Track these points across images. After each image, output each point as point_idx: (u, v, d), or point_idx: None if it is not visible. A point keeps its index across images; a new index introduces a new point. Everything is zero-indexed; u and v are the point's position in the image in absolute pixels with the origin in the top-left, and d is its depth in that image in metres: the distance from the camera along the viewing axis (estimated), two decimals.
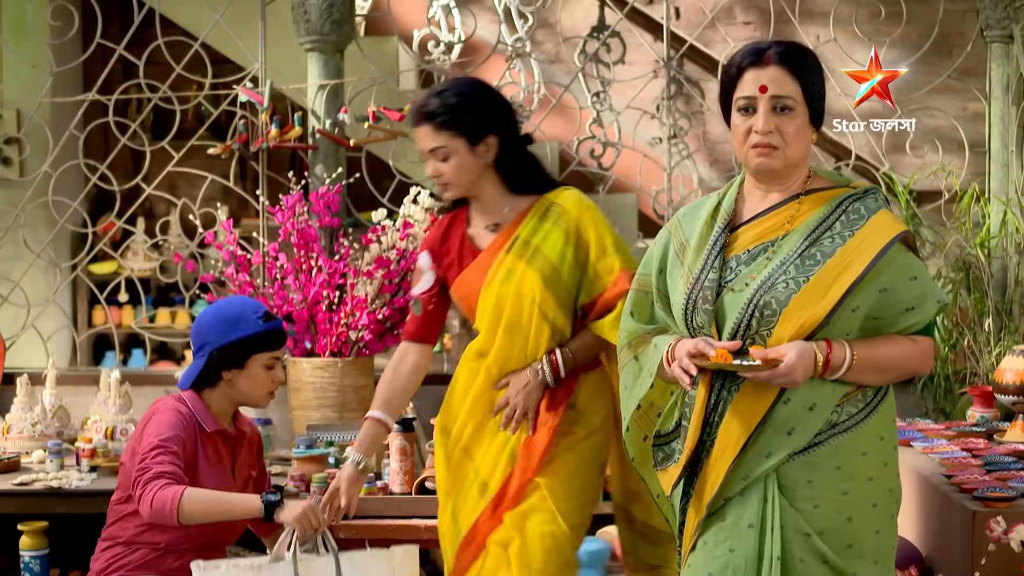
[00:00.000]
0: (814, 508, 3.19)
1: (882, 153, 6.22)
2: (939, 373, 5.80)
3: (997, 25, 6.00)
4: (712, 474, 3.25)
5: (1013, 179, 5.97)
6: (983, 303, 5.76)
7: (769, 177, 3.30)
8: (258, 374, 4.23)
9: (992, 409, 5.00)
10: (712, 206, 3.36)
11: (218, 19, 6.23)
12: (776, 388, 3.16)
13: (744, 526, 3.21)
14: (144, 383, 6.17)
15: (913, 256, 3.25)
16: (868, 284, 3.16)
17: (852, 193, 3.28)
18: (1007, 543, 3.52)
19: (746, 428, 3.19)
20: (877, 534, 3.24)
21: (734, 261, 3.27)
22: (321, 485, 4.73)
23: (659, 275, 3.42)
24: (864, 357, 3.17)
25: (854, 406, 3.23)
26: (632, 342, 3.44)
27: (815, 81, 3.26)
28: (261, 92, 6.00)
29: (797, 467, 3.20)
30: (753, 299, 3.18)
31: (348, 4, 6.08)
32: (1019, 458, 4.35)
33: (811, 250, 3.20)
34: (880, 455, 3.25)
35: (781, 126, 3.22)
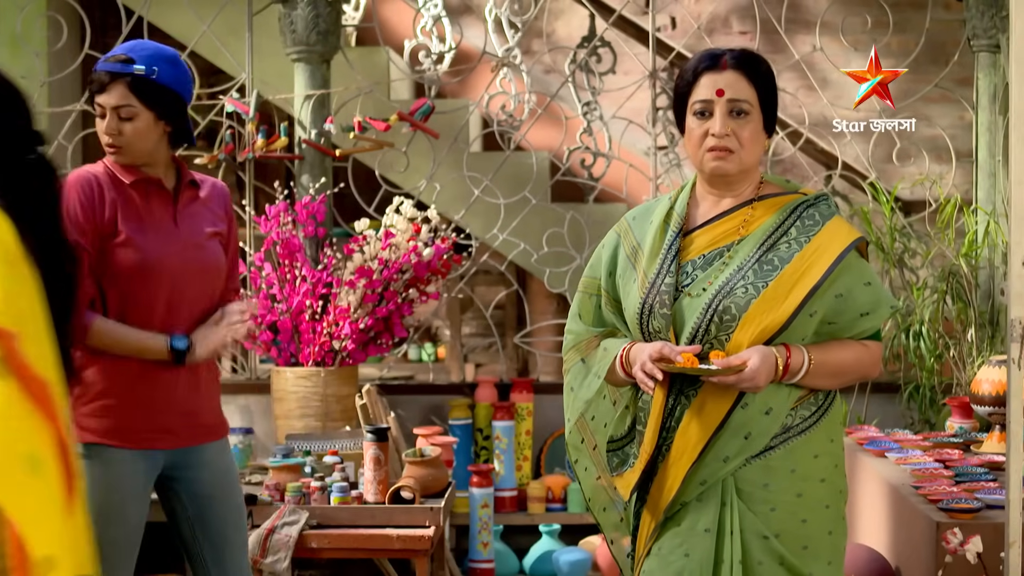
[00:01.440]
0: (770, 511, 3.21)
1: (869, 163, 6.20)
2: (924, 384, 5.79)
3: (984, 35, 5.98)
4: (668, 479, 3.26)
5: (1000, 189, 5.94)
6: (967, 313, 5.74)
7: (723, 182, 3.31)
8: (98, 124, 3.81)
9: (971, 420, 4.99)
10: (664, 210, 3.37)
11: (206, 29, 6.26)
12: (735, 392, 3.18)
13: (700, 530, 3.22)
14: None
15: (866, 262, 3.30)
16: (825, 290, 3.19)
17: (805, 199, 3.30)
18: (963, 555, 3.51)
19: (704, 432, 3.21)
20: (830, 534, 3.27)
21: (690, 266, 3.28)
22: (296, 494, 4.74)
23: (608, 278, 3.42)
24: (820, 361, 3.20)
25: (807, 409, 3.25)
26: (579, 345, 3.45)
27: (769, 88, 3.30)
28: (247, 102, 6.02)
29: (754, 471, 3.22)
30: (712, 304, 3.19)
31: (334, 15, 6.10)
32: (992, 469, 4.33)
33: (768, 255, 3.22)
34: (831, 457, 3.28)
35: (737, 130, 3.25)
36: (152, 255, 3.74)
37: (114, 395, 3.73)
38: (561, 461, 6.26)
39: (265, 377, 6.21)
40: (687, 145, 3.33)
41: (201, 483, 3.87)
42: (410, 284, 5.64)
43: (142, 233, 3.75)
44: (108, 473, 3.70)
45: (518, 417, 6.25)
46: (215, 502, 3.89)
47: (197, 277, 3.83)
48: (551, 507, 6.13)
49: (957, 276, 5.79)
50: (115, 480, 3.71)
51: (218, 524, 3.90)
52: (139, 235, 3.74)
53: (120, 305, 3.74)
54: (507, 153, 6.56)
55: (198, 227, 3.88)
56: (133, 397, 3.74)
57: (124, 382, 3.74)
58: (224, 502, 3.91)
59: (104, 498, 3.66)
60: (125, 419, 3.73)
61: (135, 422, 3.74)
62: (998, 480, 4.13)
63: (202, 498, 3.87)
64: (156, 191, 3.82)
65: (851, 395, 6.05)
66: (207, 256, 3.87)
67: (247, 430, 5.63)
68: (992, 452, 4.55)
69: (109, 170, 3.81)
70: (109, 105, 3.74)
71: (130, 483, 3.74)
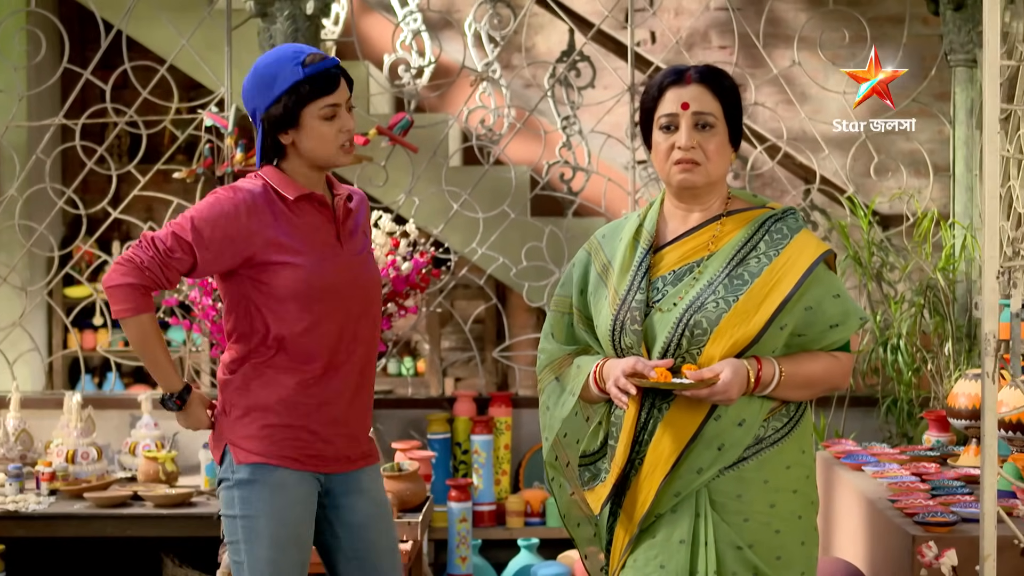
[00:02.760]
0: (744, 522, 3.24)
1: (847, 177, 6.22)
2: (902, 397, 5.80)
3: (961, 49, 6.00)
4: (642, 492, 3.28)
5: (977, 203, 5.96)
6: (945, 327, 5.76)
7: (691, 195, 3.33)
8: (317, 128, 3.58)
9: (948, 433, 5.00)
10: (634, 227, 3.39)
11: (184, 43, 6.26)
12: (707, 405, 3.21)
13: (675, 542, 3.25)
14: (109, 407, 6.19)
15: (834, 274, 3.33)
16: (795, 302, 3.22)
17: (772, 214, 3.34)
18: (938, 568, 3.52)
19: (678, 445, 3.23)
20: (803, 545, 3.30)
21: (660, 282, 3.31)
22: None
23: (580, 296, 3.45)
24: (791, 373, 3.23)
25: (779, 421, 3.28)
26: (552, 363, 3.48)
27: (734, 101, 3.34)
28: (226, 116, 6.01)
29: (727, 482, 3.25)
30: (683, 319, 3.22)
31: (313, 29, 6.10)
32: (968, 482, 4.34)
33: (738, 270, 3.25)
34: (803, 468, 3.31)
35: (703, 142, 3.28)
36: (319, 277, 3.60)
37: (276, 414, 3.61)
38: (540, 475, 6.27)
39: None
40: (654, 160, 3.36)
41: (357, 512, 3.72)
42: (389, 298, 5.63)
43: (306, 255, 3.60)
44: (277, 496, 3.59)
45: (497, 431, 6.25)
46: (370, 532, 3.74)
47: (363, 294, 3.71)
48: (530, 521, 6.13)
49: (934, 290, 5.80)
50: (287, 505, 3.60)
51: (372, 557, 3.75)
52: (303, 258, 3.59)
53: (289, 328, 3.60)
54: (486, 167, 6.56)
55: (356, 244, 3.75)
56: (295, 416, 3.61)
57: (286, 400, 3.61)
58: (381, 533, 3.77)
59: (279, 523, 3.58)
60: (289, 438, 3.61)
61: (298, 442, 3.62)
62: (974, 493, 4.14)
63: (357, 527, 3.73)
64: (319, 208, 3.67)
65: (829, 409, 6.07)
66: (369, 272, 3.75)
67: None
68: (968, 465, 4.56)
69: (271, 187, 3.64)
70: (343, 100, 3.61)
71: (301, 506, 3.62)
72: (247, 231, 3.56)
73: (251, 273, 3.59)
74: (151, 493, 5.31)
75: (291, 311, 3.59)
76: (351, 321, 3.67)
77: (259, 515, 3.58)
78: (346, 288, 3.65)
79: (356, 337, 3.69)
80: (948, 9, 6.01)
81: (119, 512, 5.26)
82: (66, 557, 6.04)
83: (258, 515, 3.58)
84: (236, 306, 3.64)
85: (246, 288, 3.61)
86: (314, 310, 3.60)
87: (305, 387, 3.62)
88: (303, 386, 3.62)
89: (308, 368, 3.61)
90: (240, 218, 3.56)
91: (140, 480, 5.57)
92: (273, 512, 3.57)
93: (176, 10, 6.49)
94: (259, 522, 3.58)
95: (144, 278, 3.53)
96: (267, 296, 3.59)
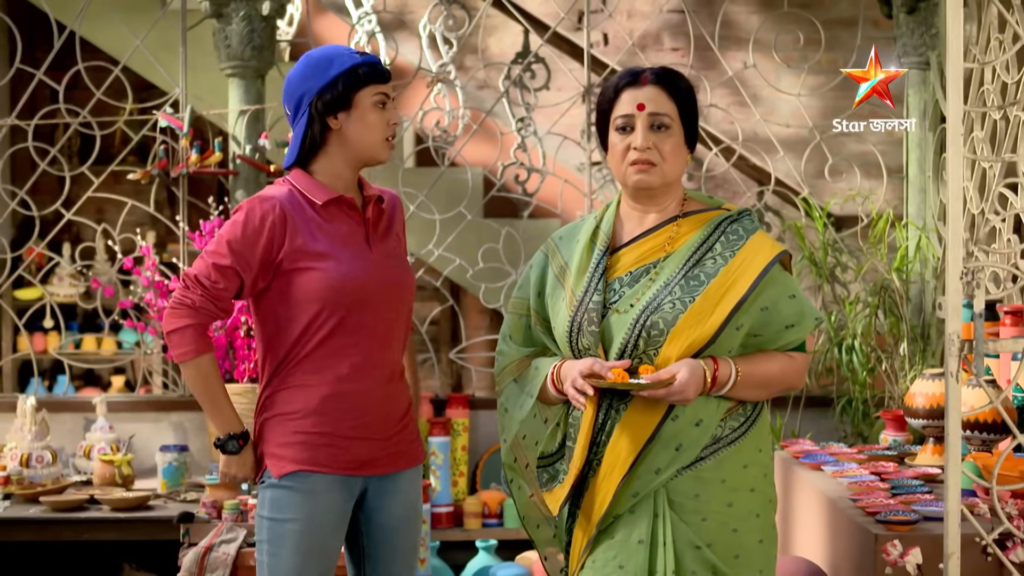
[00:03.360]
0: (702, 521, 3.27)
1: (801, 179, 6.26)
2: (857, 397, 5.84)
3: (914, 52, 6.06)
4: (600, 492, 3.30)
5: (930, 204, 6.02)
6: (899, 328, 5.80)
7: (647, 196, 3.35)
8: (368, 116, 3.59)
9: (904, 433, 5.03)
10: (590, 229, 3.41)
11: (139, 44, 6.22)
12: (665, 405, 3.23)
13: (634, 542, 3.26)
14: (63, 410, 6.13)
15: (789, 275, 3.37)
16: (751, 303, 3.25)
17: (728, 215, 3.36)
18: (903, 566, 3.54)
19: (635, 445, 3.25)
20: (761, 543, 3.32)
21: (617, 283, 3.33)
22: (234, 511, 4.71)
23: (538, 298, 3.46)
24: (747, 373, 3.26)
25: (736, 420, 3.31)
26: (510, 366, 3.49)
27: (690, 103, 3.36)
28: (181, 117, 5.98)
29: (685, 482, 3.27)
30: (640, 320, 3.24)
31: (269, 30, 6.08)
32: (927, 481, 4.38)
33: (694, 271, 3.27)
34: (760, 467, 3.34)
35: (659, 143, 3.30)
36: (347, 281, 3.59)
37: (308, 420, 3.59)
38: (497, 476, 6.26)
39: None
40: (610, 161, 3.38)
41: (388, 514, 3.73)
42: None
43: (335, 259, 3.59)
44: (307, 502, 3.58)
45: (454, 433, 6.24)
46: (396, 535, 3.75)
47: (393, 296, 3.69)
48: (487, 523, 6.12)
49: (889, 290, 5.85)
50: (317, 513, 3.59)
51: (390, 557, 3.76)
52: (331, 262, 3.58)
53: (317, 332, 3.59)
54: (442, 169, 6.56)
55: (388, 245, 3.73)
56: (328, 422, 3.60)
57: (317, 407, 3.59)
58: (406, 536, 3.78)
59: (306, 531, 3.58)
60: (323, 444, 3.59)
61: (332, 448, 3.60)
62: (934, 492, 4.17)
63: (385, 529, 3.73)
64: (348, 211, 3.66)
65: (785, 409, 6.10)
66: (400, 274, 3.72)
67: (182, 447, 5.59)
68: (926, 464, 4.59)
69: (299, 191, 3.64)
70: (392, 94, 3.64)
71: (331, 514, 3.62)
72: (278, 240, 3.57)
73: (278, 284, 3.60)
74: (108, 497, 5.27)
75: (318, 315, 3.58)
76: (381, 323, 3.66)
77: (286, 520, 3.58)
78: (376, 290, 3.64)
79: (387, 340, 3.68)
80: (901, 12, 6.06)
81: (75, 516, 5.23)
82: (21, 563, 5.99)
83: (285, 519, 3.58)
84: (264, 325, 3.66)
85: (273, 303, 3.62)
86: (342, 313, 3.59)
87: (336, 391, 3.60)
88: (334, 390, 3.60)
89: (338, 371, 3.60)
90: (274, 228, 3.56)
91: (96, 484, 5.54)
92: (301, 519, 3.57)
93: (129, 10, 6.43)
94: (285, 526, 3.58)
95: (200, 317, 3.56)
96: (294, 304, 3.59)
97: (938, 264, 5.86)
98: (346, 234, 3.64)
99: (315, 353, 3.59)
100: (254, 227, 3.57)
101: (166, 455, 5.53)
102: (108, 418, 5.86)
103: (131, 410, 6.14)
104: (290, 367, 3.62)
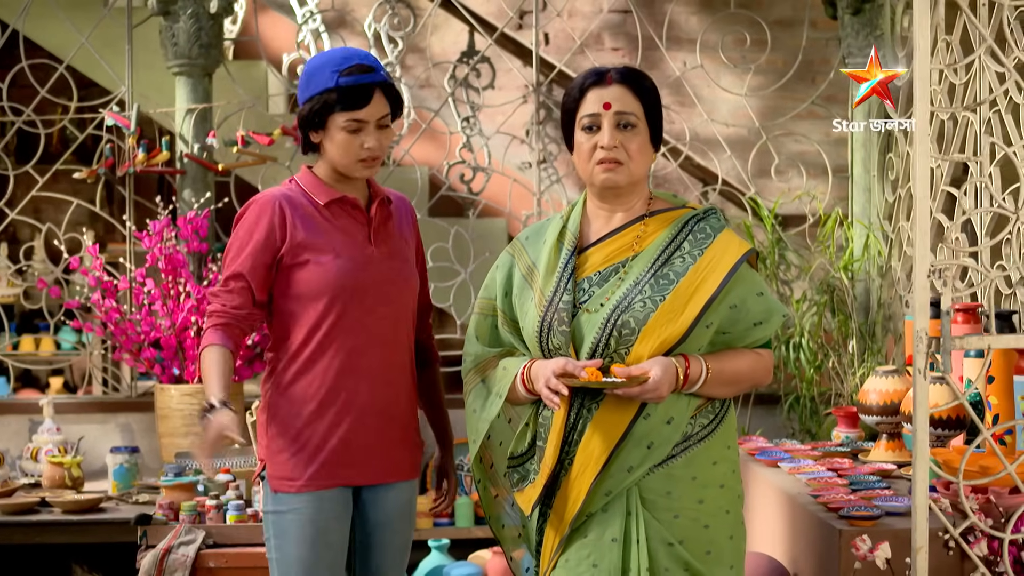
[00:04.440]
0: (674, 518, 3.30)
1: (748, 178, 6.31)
2: (804, 395, 5.90)
3: (859, 52, 6.13)
4: (573, 492, 3.32)
5: (875, 203, 6.09)
6: (847, 325, 5.87)
7: (613, 195, 3.38)
8: (339, 137, 3.58)
9: (856, 429, 5.09)
10: (557, 229, 3.43)
11: (84, 41, 6.16)
12: (636, 404, 3.26)
13: (607, 540, 3.29)
14: (7, 411, 6.08)
15: (756, 273, 3.40)
16: (720, 301, 3.29)
17: (694, 214, 3.39)
18: (873, 561, 3.59)
19: (608, 444, 3.28)
20: (731, 539, 3.37)
21: (586, 282, 3.35)
22: (191, 513, 4.69)
23: (504, 298, 3.48)
24: (718, 370, 3.30)
25: (705, 418, 3.36)
26: (478, 366, 3.50)
27: (654, 102, 3.38)
28: (128, 116, 5.93)
29: (656, 480, 3.30)
30: (610, 319, 3.27)
31: (216, 28, 6.05)
32: (883, 477, 4.43)
33: (663, 270, 3.30)
34: (728, 463, 3.39)
35: (625, 142, 3.32)
36: (347, 270, 3.60)
37: (300, 431, 3.60)
38: None
39: (144, 394, 6.12)
40: (576, 161, 3.40)
41: (380, 510, 3.72)
42: None
43: (333, 255, 3.61)
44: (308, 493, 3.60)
45: None
46: (386, 532, 3.74)
47: (391, 298, 3.68)
48: (439, 522, 6.09)
49: (835, 289, 5.92)
50: (317, 501, 3.60)
51: (378, 556, 3.75)
52: (330, 257, 3.60)
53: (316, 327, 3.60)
54: (391, 168, 6.55)
55: (392, 245, 3.73)
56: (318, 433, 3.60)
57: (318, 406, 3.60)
58: (397, 535, 3.77)
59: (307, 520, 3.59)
60: (316, 460, 3.60)
61: (326, 467, 3.61)
62: (892, 488, 4.22)
63: (373, 525, 3.72)
64: (351, 211, 3.67)
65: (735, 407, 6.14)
66: (400, 276, 3.71)
67: (133, 449, 5.54)
68: (880, 460, 4.65)
69: (302, 190, 3.66)
70: (373, 118, 3.59)
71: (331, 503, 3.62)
72: (279, 235, 3.60)
73: (281, 281, 3.63)
74: (60, 499, 5.22)
75: (318, 310, 3.59)
76: (376, 323, 3.65)
77: (287, 511, 3.59)
78: (373, 289, 3.64)
79: (387, 340, 3.68)
80: (847, 13, 6.13)
81: (26, 519, 5.18)
82: None
83: (286, 511, 3.59)
84: (271, 323, 3.69)
85: (277, 300, 3.65)
86: (339, 309, 3.60)
87: (327, 394, 3.61)
88: (325, 393, 3.61)
89: (336, 368, 3.61)
90: (272, 224, 3.60)
91: (45, 486, 5.48)
92: (301, 508, 3.59)
93: (72, 8, 6.36)
94: (287, 518, 3.59)
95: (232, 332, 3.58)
96: (294, 300, 3.61)
97: (884, 263, 5.93)
98: (348, 232, 3.66)
99: (315, 350, 3.60)
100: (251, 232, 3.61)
101: (117, 456, 5.48)
102: (55, 419, 5.80)
103: (77, 411, 6.08)
104: (290, 364, 3.63)
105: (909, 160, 5.53)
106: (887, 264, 5.89)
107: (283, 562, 3.61)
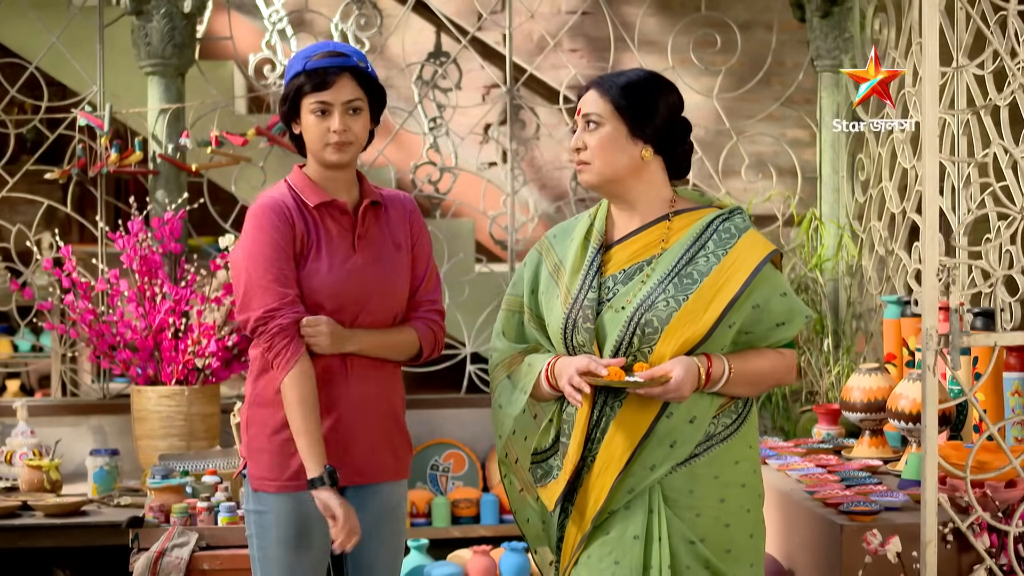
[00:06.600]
0: (696, 516, 3.33)
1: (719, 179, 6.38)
2: (777, 392, 5.97)
3: (828, 55, 6.22)
4: (595, 489, 3.35)
5: (844, 203, 6.17)
6: (820, 324, 5.95)
7: (609, 195, 3.43)
8: (308, 121, 3.60)
9: (837, 426, 5.16)
10: (585, 227, 3.46)
11: (55, 41, 6.10)
12: (659, 403, 3.29)
13: (629, 538, 3.32)
14: None
15: (780, 274, 3.42)
16: (743, 301, 3.31)
17: (720, 213, 3.41)
18: (884, 555, 3.65)
19: (631, 442, 3.31)
20: (751, 537, 3.41)
21: (611, 280, 3.38)
22: (182, 515, 4.67)
23: (531, 295, 3.51)
24: (740, 370, 3.32)
25: (728, 417, 3.38)
26: (504, 361, 3.53)
27: (629, 97, 3.34)
28: (101, 116, 5.88)
29: (679, 478, 3.33)
30: (634, 317, 3.29)
31: (190, 28, 6.01)
32: (872, 473, 4.51)
33: (687, 269, 3.32)
34: (750, 463, 3.42)
35: (588, 140, 3.36)
36: (328, 282, 3.60)
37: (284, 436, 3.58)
38: (423, 476, 6.26)
39: (116, 396, 6.08)
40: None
41: (365, 513, 3.65)
42: None
43: (318, 260, 3.61)
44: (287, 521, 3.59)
45: None
46: (373, 540, 3.70)
47: (372, 304, 3.66)
48: (416, 522, 6.13)
49: (808, 288, 6.00)
50: (297, 499, 3.59)
51: (369, 562, 3.73)
52: (315, 267, 3.60)
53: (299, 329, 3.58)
54: (366, 168, 6.54)
55: (376, 250, 3.70)
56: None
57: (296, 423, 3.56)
58: (385, 541, 3.74)
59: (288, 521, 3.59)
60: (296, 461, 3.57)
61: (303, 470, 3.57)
62: (883, 483, 4.29)
63: (360, 527, 3.60)
64: (338, 216, 3.66)
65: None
66: (381, 282, 3.68)
67: (113, 452, 5.50)
68: (864, 456, 4.72)
69: (295, 193, 3.65)
70: (338, 101, 3.57)
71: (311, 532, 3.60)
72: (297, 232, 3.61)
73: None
74: (41, 503, 5.17)
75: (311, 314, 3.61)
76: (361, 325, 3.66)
77: (269, 512, 3.59)
78: (354, 299, 3.64)
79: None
80: (816, 16, 6.21)
81: (8, 523, 5.11)
82: None
83: (268, 512, 3.60)
84: None
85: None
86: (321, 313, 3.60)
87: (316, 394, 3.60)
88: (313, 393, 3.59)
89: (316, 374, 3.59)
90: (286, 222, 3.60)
91: (23, 490, 5.42)
92: (284, 511, 3.59)
93: (40, 7, 6.30)
94: (267, 517, 3.60)
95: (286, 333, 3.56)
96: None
97: (854, 262, 6.02)
98: (333, 239, 3.65)
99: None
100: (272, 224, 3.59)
101: (97, 459, 5.43)
102: (29, 422, 5.74)
103: (50, 414, 6.03)
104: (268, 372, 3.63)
105: (880, 161, 5.62)
106: (857, 264, 5.98)
107: (264, 561, 3.62)
